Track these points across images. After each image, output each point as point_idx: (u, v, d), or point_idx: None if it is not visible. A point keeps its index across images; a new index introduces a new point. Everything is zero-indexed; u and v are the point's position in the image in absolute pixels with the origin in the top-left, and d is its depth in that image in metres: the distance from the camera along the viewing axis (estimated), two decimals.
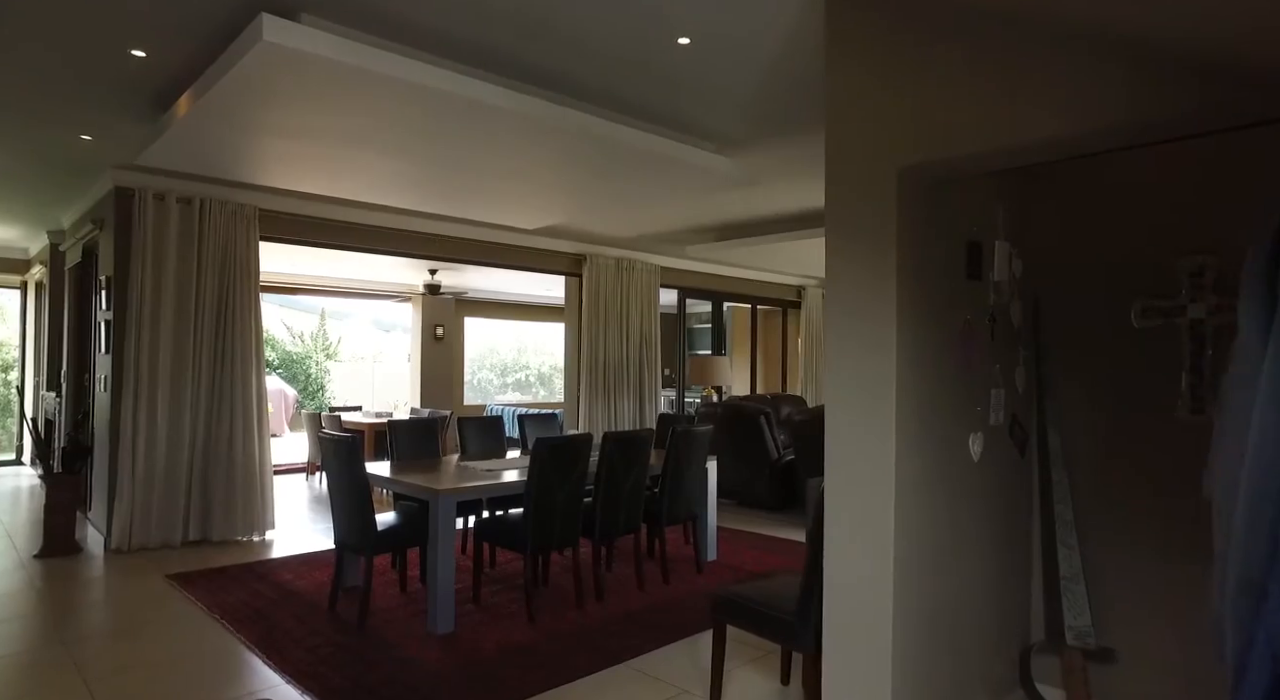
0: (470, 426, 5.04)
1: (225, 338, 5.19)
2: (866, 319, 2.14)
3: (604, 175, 4.25)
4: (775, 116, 3.75)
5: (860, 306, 2.16)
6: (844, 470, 2.20)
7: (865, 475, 2.14)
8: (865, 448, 2.15)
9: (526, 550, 3.67)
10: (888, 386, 2.10)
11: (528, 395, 16.41)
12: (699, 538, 4.71)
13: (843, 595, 2.22)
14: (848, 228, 2.20)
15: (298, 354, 15.44)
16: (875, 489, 2.12)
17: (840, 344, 2.21)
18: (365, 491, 3.55)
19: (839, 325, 2.21)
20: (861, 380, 2.15)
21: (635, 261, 8.14)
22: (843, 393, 2.20)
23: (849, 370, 2.18)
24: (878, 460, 2.11)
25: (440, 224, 6.56)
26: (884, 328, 2.11)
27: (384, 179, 4.55)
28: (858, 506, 2.17)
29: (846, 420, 2.19)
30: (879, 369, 2.12)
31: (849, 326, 2.19)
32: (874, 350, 2.12)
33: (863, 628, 2.17)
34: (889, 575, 2.10)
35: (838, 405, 2.22)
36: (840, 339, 2.22)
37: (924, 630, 2.25)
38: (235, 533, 5.17)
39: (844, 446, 2.20)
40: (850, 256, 2.19)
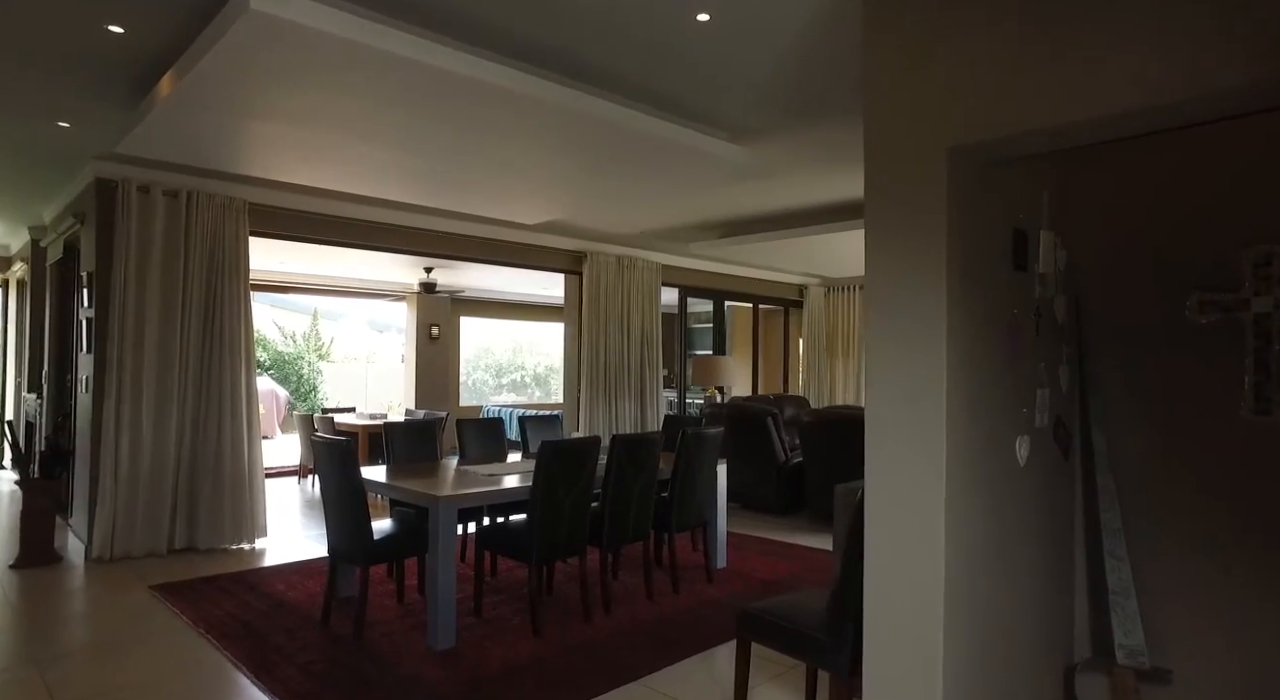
0: (469, 429, 4.84)
1: (214, 337, 4.98)
2: (913, 315, 1.96)
3: (611, 165, 4.05)
4: (794, 103, 3.57)
5: (906, 301, 1.97)
6: (888, 477, 2.02)
7: (912, 483, 1.96)
8: (912, 453, 1.96)
9: (532, 560, 3.47)
10: (937, 387, 1.92)
11: (523, 396, 16.20)
12: (709, 545, 4.52)
13: (887, 612, 2.03)
14: (891, 216, 2.02)
15: (290, 354, 15.19)
16: (924, 498, 1.94)
17: (883, 342, 2.03)
18: (361, 498, 3.35)
19: (882, 322, 2.03)
20: (908, 381, 1.97)
21: (636, 259, 7.95)
22: (886, 395, 2.02)
23: (893, 370, 2.00)
24: (926, 467, 1.93)
25: (437, 219, 6.35)
26: (932, 324, 1.93)
27: (380, 170, 4.34)
28: (905, 516, 1.98)
29: (891, 424, 2.00)
30: (927, 368, 1.93)
31: (893, 323, 2.00)
32: (922, 348, 1.94)
33: (909, 647, 1.98)
34: (939, 591, 1.92)
35: (881, 408, 2.03)
36: (883, 336, 2.03)
37: (975, 649, 2.07)
38: (224, 540, 4.95)
39: (888, 452, 2.02)
40: (894, 248, 2.00)
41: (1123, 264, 2.56)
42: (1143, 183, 2.50)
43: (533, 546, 3.46)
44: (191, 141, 3.84)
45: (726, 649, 3.34)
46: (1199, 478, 2.37)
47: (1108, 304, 2.61)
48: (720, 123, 3.84)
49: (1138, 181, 2.51)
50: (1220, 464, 2.34)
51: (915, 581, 1.95)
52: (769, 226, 6.55)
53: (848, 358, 10.13)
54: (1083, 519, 2.66)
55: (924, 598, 1.94)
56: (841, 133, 4.00)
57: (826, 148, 4.28)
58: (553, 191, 4.72)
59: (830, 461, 5.79)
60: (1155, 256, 2.49)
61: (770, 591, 4.17)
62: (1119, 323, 2.59)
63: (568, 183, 4.50)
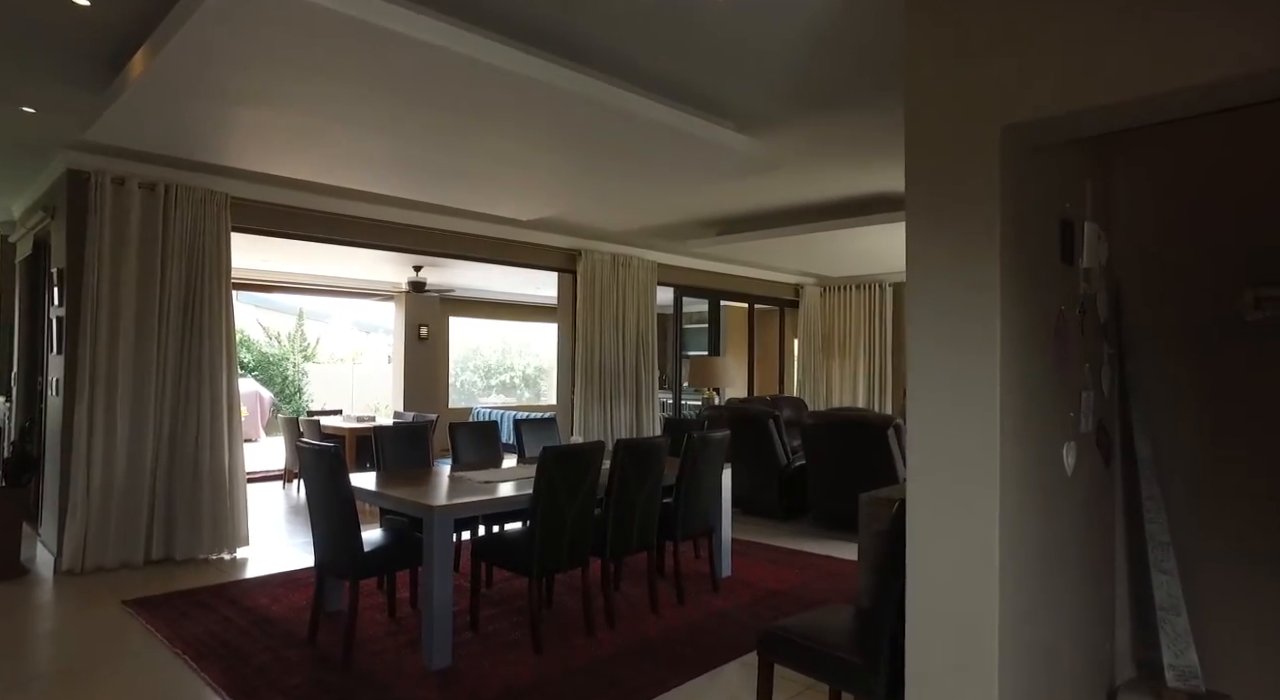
0: (463, 433, 4.63)
1: (193, 337, 4.74)
2: (963, 312, 1.79)
3: (612, 156, 3.86)
4: (809, 91, 3.39)
5: (955, 298, 1.80)
6: (934, 489, 1.84)
7: (962, 494, 1.79)
8: (962, 462, 1.79)
9: (532, 573, 3.28)
10: (989, 390, 1.75)
11: (512, 398, 15.97)
12: (715, 553, 4.33)
13: (935, 635, 1.86)
14: (936, 204, 1.85)
15: (274, 355, 14.87)
16: (975, 511, 1.76)
17: (928, 341, 1.85)
18: (350, 509, 3.14)
19: (927, 320, 1.85)
20: (957, 383, 1.79)
21: (631, 257, 7.77)
22: (932, 398, 1.84)
23: (940, 372, 1.82)
24: (978, 477, 1.76)
25: (427, 216, 6.14)
26: (985, 322, 1.76)
27: (369, 160, 4.13)
28: (954, 531, 1.81)
29: (937, 431, 1.83)
30: (979, 370, 1.76)
31: (940, 321, 1.83)
32: (973, 349, 1.77)
33: (963, 674, 1.80)
34: (994, 610, 1.74)
35: (925, 413, 1.86)
36: (928, 335, 1.86)
37: (1029, 672, 1.89)
38: (204, 550, 4.71)
39: (934, 460, 1.84)
40: (940, 239, 1.83)
41: (1167, 257, 2.41)
42: (1191, 168, 2.34)
43: (533, 559, 3.26)
44: (167, 128, 3.61)
45: (738, 666, 3.16)
46: (1260, 488, 2.22)
47: (1151, 300, 2.45)
48: (728, 112, 3.66)
49: (1186, 167, 2.35)
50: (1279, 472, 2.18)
51: (966, 601, 1.78)
52: (769, 224, 6.38)
53: (844, 358, 9.99)
54: (1124, 530, 2.50)
55: (976, 619, 1.77)
56: (855, 124, 3.83)
57: (837, 140, 4.11)
58: (550, 184, 4.53)
59: (835, 465, 5.63)
60: (1204, 248, 2.33)
61: (779, 602, 3.99)
62: (1163, 320, 2.43)
63: (565, 175, 4.30)
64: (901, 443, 5.40)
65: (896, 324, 9.54)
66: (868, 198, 5.47)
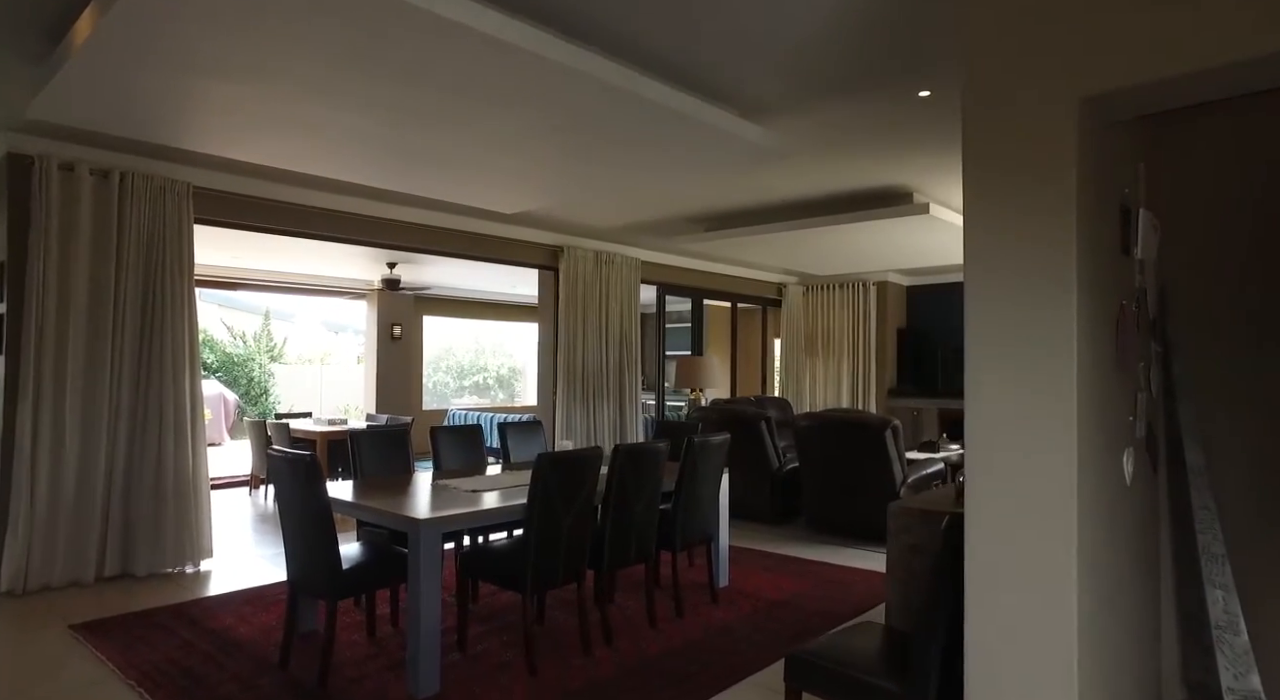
0: (445, 437, 4.36)
1: (153, 335, 4.40)
2: (1034, 305, 1.60)
3: (610, 141, 3.62)
4: (827, 72, 3.18)
5: (1025, 289, 1.61)
6: (1003, 504, 1.64)
7: (1037, 511, 1.59)
8: (1036, 476, 1.59)
9: (526, 589, 3.03)
10: (1066, 393, 1.56)
11: (486, 399, 15.63)
12: (713, 563, 4.12)
13: (1004, 665, 1.66)
14: (1002, 187, 1.65)
15: (239, 356, 14.34)
16: (1052, 529, 1.57)
17: (990, 337, 1.66)
18: (328, 523, 2.87)
19: (990, 315, 1.66)
20: (1028, 386, 1.60)
21: (615, 254, 7.54)
22: (997, 405, 1.65)
23: (1008, 372, 1.63)
24: (1053, 491, 1.57)
25: (404, 209, 5.85)
26: (1060, 317, 1.57)
27: (342, 145, 3.84)
28: (1028, 550, 1.61)
29: (1004, 437, 1.64)
30: (1054, 370, 1.57)
31: (1007, 316, 1.63)
32: (1047, 345, 1.58)
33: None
34: (1072, 638, 1.55)
35: (989, 417, 1.66)
36: (989, 331, 1.66)
37: None
38: (164, 564, 4.38)
39: (1001, 471, 1.65)
40: (1007, 226, 1.64)
41: (1221, 248, 2.25)
42: (1251, 150, 2.18)
43: (528, 573, 3.02)
44: (118, 104, 3.28)
45: (750, 687, 2.96)
46: None
47: (1201, 295, 2.29)
48: (735, 98, 3.45)
49: (1243, 149, 2.19)
50: None
51: (1040, 628, 1.59)
52: (761, 219, 6.19)
53: (827, 358, 9.86)
54: (1170, 541, 2.34)
55: (1052, 649, 1.58)
56: (869, 111, 3.65)
57: (848, 129, 3.93)
58: (539, 173, 4.27)
59: (829, 468, 5.46)
60: (1264, 238, 2.18)
61: (781, 614, 3.80)
62: (1215, 317, 2.27)
63: (557, 163, 4.05)
64: (899, 445, 5.25)
65: (880, 324, 9.44)
66: (869, 193, 5.31)
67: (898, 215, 5.22)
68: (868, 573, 4.58)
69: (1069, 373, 1.55)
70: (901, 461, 5.25)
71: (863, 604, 3.97)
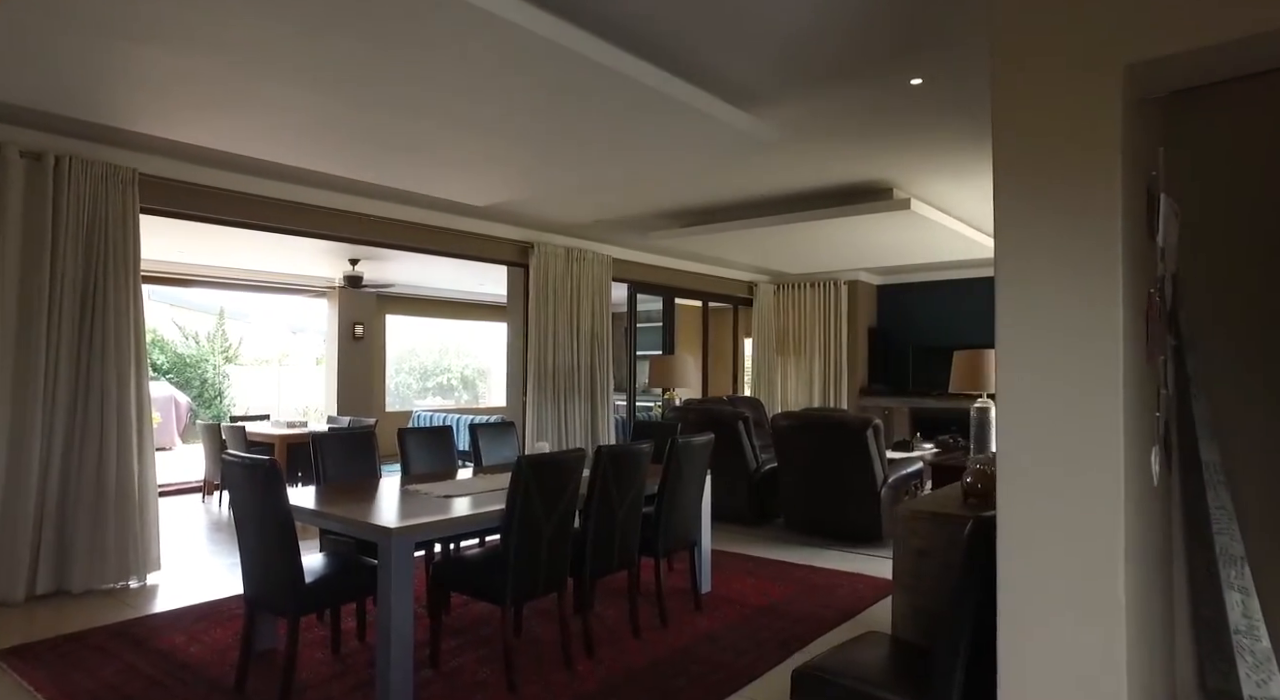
0: (414, 439, 4.13)
1: (94, 335, 4.09)
2: (1074, 294, 1.48)
3: (590, 126, 3.45)
4: (822, 56, 3.06)
5: (1065, 275, 1.49)
6: (1039, 504, 1.52)
7: (1079, 514, 1.47)
8: (1078, 475, 1.47)
9: (505, 601, 2.84)
10: (1112, 387, 1.44)
11: (450, 400, 15.30)
12: (696, 568, 3.97)
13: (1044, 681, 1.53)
14: (1036, 164, 1.53)
15: (192, 357, 13.78)
16: (1095, 533, 1.46)
17: (1025, 329, 1.53)
18: (289, 534, 2.64)
19: (1027, 301, 1.53)
20: (1070, 379, 1.48)
21: (586, 251, 7.36)
22: (1032, 398, 1.52)
23: (1045, 365, 1.51)
24: (1099, 493, 1.45)
25: (368, 201, 5.59)
26: (1103, 305, 1.45)
27: (302, 128, 3.60)
28: (1069, 556, 1.49)
29: (1041, 437, 1.51)
30: (1099, 362, 1.45)
31: (1041, 306, 1.51)
32: (1092, 335, 1.46)
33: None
34: (1120, 652, 1.43)
35: (1023, 414, 1.53)
36: (1026, 323, 1.53)
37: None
38: (105, 579, 4.07)
39: (1038, 472, 1.52)
40: (1042, 207, 1.52)
41: (1237, 237, 2.17)
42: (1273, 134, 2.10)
43: (507, 584, 2.83)
44: (40, 73, 2.98)
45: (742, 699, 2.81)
46: None
47: (1216, 285, 2.21)
48: (722, 84, 3.32)
49: (1264, 133, 2.11)
50: None
51: (1084, 651, 1.46)
52: (739, 215, 6.07)
53: (798, 357, 9.81)
54: (1184, 544, 2.25)
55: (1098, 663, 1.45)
56: (861, 99, 3.54)
57: (838, 117, 3.81)
58: (514, 159, 4.06)
59: (809, 468, 5.36)
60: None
61: (768, 621, 3.66)
62: (1230, 309, 2.19)
63: (533, 148, 3.85)
64: (880, 445, 5.17)
65: (851, 322, 9.42)
66: (848, 188, 5.22)
67: (879, 211, 5.15)
68: (852, 576, 4.48)
69: (1114, 366, 1.43)
70: (882, 461, 5.17)
71: (850, 609, 3.86)
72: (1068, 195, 1.48)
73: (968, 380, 5.21)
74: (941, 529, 2.20)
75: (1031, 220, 1.52)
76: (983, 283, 8.98)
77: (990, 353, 5.21)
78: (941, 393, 8.98)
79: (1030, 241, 1.52)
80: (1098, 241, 1.44)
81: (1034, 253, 1.52)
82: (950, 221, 5.76)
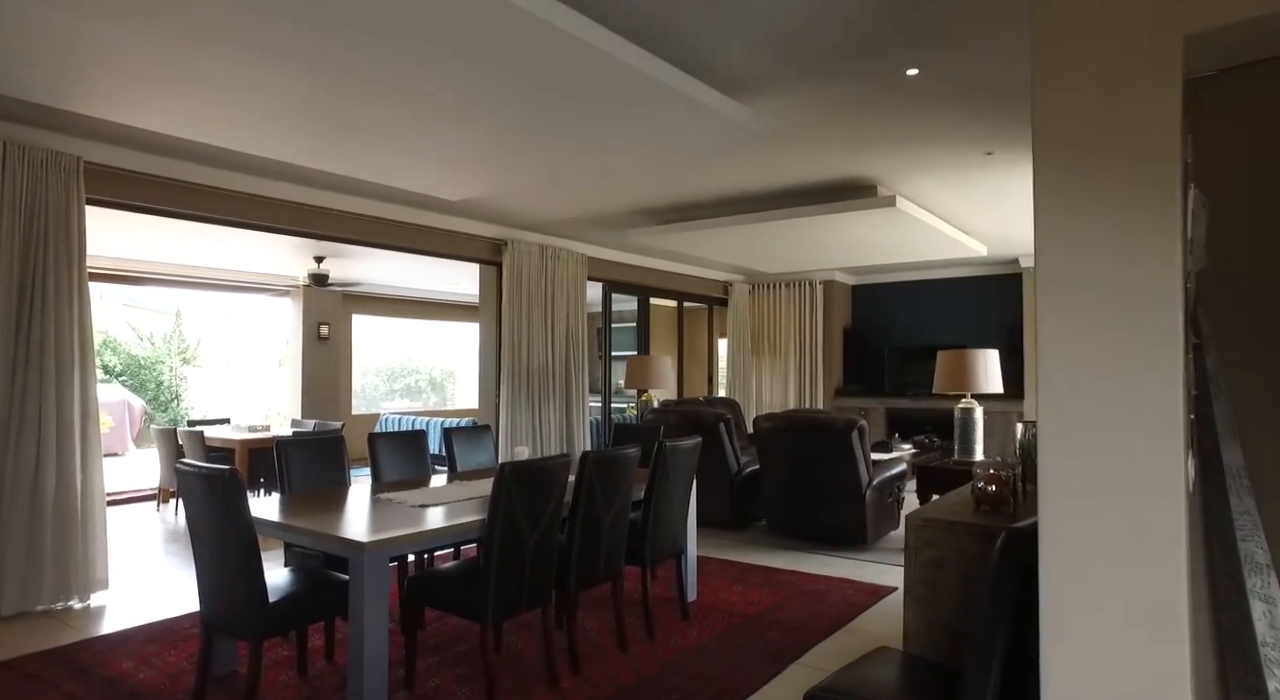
0: (385, 444, 3.92)
1: (30, 333, 3.79)
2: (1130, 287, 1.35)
3: (575, 115, 3.27)
4: (810, 46, 2.94)
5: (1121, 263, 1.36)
6: (1091, 516, 1.39)
7: (1140, 526, 1.35)
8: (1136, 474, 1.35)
9: (487, 618, 2.66)
10: (1171, 384, 1.31)
11: (418, 402, 14.96)
12: (683, 576, 3.82)
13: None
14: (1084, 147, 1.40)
15: (146, 359, 13.25)
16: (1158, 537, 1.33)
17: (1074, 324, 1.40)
18: (251, 549, 2.42)
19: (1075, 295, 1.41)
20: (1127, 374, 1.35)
21: (561, 249, 7.17)
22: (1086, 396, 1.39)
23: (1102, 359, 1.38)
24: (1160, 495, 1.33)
25: (334, 196, 5.34)
26: (1164, 292, 1.32)
27: (259, 109, 3.35)
28: (1126, 574, 1.36)
29: (1096, 435, 1.38)
30: (1159, 354, 1.33)
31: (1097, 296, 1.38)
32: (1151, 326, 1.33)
33: None
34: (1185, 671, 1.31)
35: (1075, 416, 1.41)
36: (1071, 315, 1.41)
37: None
38: (44, 599, 3.77)
39: (1093, 479, 1.39)
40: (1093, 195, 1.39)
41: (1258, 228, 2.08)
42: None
43: (488, 601, 2.65)
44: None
45: None
46: None
47: (1236, 281, 2.12)
48: (712, 73, 3.17)
49: None
50: None
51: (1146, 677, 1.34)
52: (721, 211, 5.93)
53: (774, 358, 9.74)
54: (1206, 550, 2.16)
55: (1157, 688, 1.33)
56: (855, 90, 3.42)
57: (828, 111, 3.69)
58: (491, 149, 3.85)
59: (792, 471, 5.24)
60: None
61: (759, 631, 3.53)
62: (1254, 305, 2.10)
63: (512, 136, 3.64)
64: (865, 446, 5.08)
65: (827, 323, 9.37)
66: (830, 185, 5.12)
67: (864, 208, 5.05)
68: (839, 581, 4.36)
69: (1175, 355, 1.31)
70: (867, 463, 5.08)
71: (841, 617, 3.74)
72: (1123, 178, 1.35)
73: (952, 380, 5.15)
74: (957, 539, 2.08)
75: (1079, 205, 1.40)
76: (959, 282, 9.00)
77: (977, 352, 5.15)
78: (917, 393, 8.97)
79: (1079, 227, 1.40)
80: (1158, 224, 1.32)
81: (1084, 239, 1.39)
82: (933, 220, 5.70)
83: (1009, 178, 4.82)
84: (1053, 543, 1.43)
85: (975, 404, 5.10)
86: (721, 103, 3.11)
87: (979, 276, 8.87)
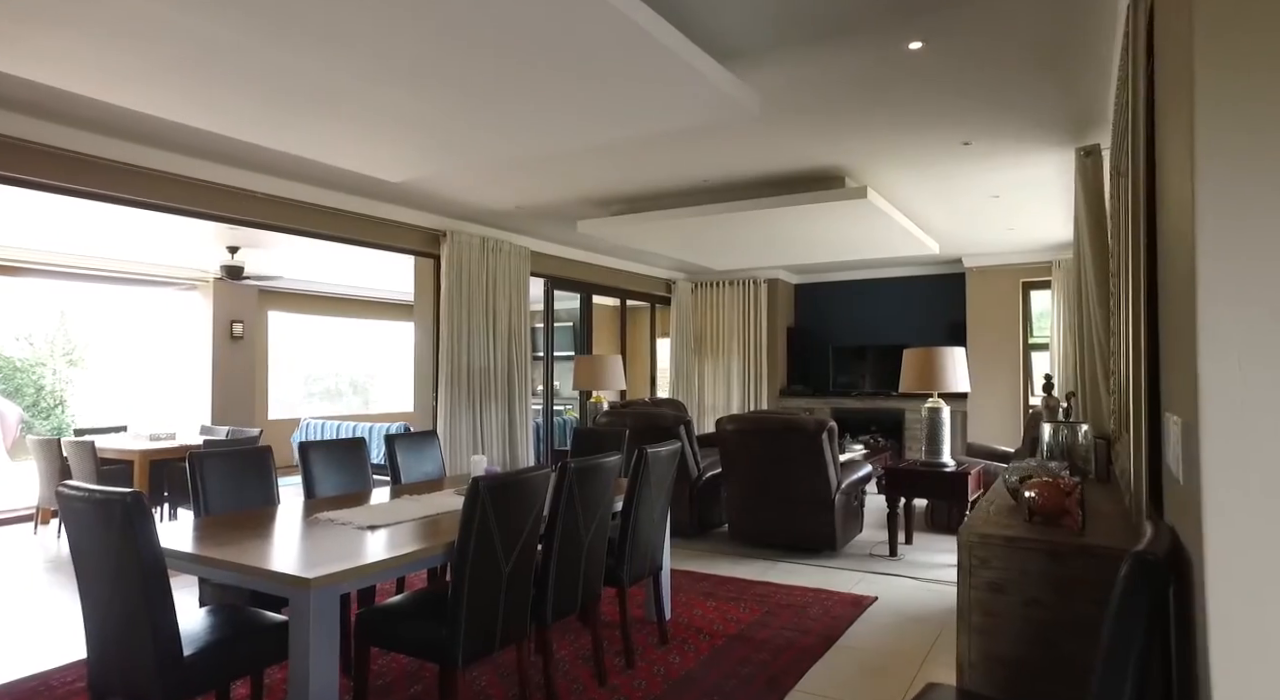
0: (319, 454, 3.41)
1: None
2: None
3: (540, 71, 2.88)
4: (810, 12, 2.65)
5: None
6: None
7: None
8: None
9: (457, 661, 2.24)
10: None
11: (339, 406, 14.08)
12: (659, 595, 3.48)
13: None
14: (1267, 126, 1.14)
15: (24, 361, 11.91)
16: None
17: (1263, 309, 1.13)
18: (160, 592, 1.93)
19: (1257, 263, 1.14)
20: None
21: (503, 242, 6.72)
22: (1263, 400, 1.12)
23: None
24: None
25: (253, 176, 4.76)
26: None
27: (174, 63, 2.82)
28: None
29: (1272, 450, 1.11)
30: None
31: None
32: None
33: None
34: None
35: (1266, 419, 1.14)
36: (1254, 298, 1.14)
37: None
38: None
39: None
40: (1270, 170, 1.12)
41: None
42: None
43: (458, 639, 2.23)
44: None
45: None
46: None
47: None
48: (706, 38, 2.85)
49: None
50: None
51: None
52: (671, 204, 5.63)
53: (717, 358, 9.53)
54: None
55: None
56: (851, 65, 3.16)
57: (820, 88, 3.43)
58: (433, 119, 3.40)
59: (757, 475, 4.98)
60: None
61: (745, 653, 3.22)
62: None
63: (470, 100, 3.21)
64: (834, 449, 4.86)
65: (770, 322, 9.23)
66: (797, 175, 4.88)
67: (833, 200, 4.84)
68: (817, 592, 4.11)
69: None
70: (836, 466, 4.87)
71: (829, 632, 3.48)
72: None
73: (919, 380, 5.00)
74: (1019, 557, 1.81)
75: (1269, 169, 1.13)
76: (903, 282, 9.00)
77: (944, 351, 5.02)
78: (861, 393, 8.93)
79: (1264, 188, 1.13)
80: None
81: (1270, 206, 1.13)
82: (897, 214, 5.56)
83: (981, 169, 4.71)
84: (1228, 569, 1.16)
85: (943, 404, 4.97)
86: (713, 69, 2.79)
87: (922, 276, 8.90)
